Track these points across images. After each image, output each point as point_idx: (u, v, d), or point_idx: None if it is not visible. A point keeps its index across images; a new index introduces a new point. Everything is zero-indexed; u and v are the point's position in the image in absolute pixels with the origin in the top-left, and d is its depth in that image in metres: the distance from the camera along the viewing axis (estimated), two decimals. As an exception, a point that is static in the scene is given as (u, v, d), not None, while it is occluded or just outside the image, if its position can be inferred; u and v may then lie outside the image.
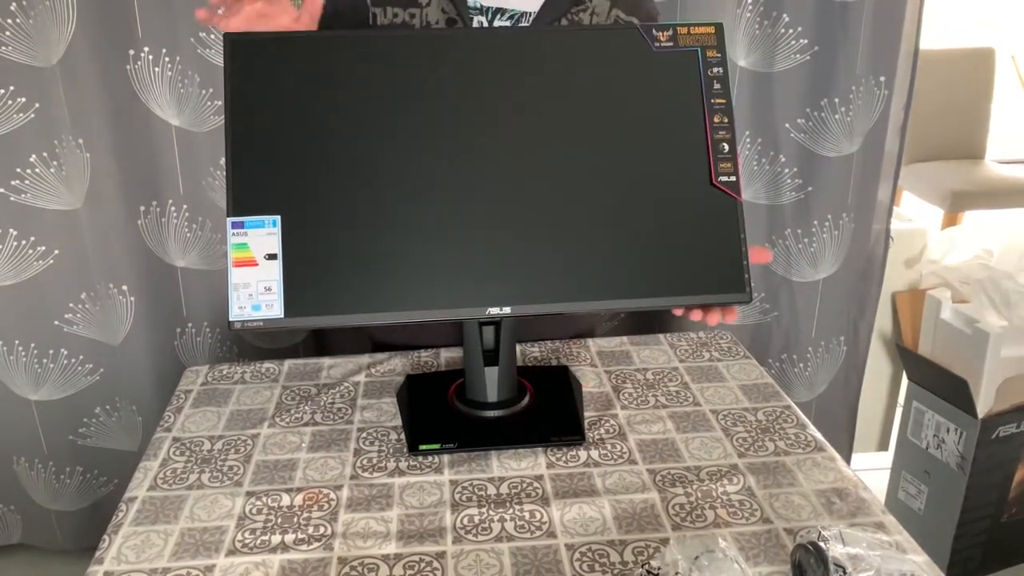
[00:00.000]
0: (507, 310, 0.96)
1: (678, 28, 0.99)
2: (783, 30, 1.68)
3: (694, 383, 1.22)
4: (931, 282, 1.96)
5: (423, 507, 0.96)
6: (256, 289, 0.92)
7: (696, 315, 1.01)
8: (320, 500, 0.98)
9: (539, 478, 1.01)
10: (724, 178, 0.97)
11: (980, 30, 4.53)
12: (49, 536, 1.90)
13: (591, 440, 1.08)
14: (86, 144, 1.59)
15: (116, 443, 1.84)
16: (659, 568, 0.80)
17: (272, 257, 0.92)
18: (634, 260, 0.97)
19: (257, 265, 0.92)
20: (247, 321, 0.92)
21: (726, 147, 0.97)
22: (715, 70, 0.98)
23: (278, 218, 0.93)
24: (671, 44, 0.98)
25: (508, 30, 1.11)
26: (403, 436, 1.09)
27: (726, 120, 0.98)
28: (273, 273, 0.92)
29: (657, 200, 0.98)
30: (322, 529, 0.93)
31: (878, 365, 2.07)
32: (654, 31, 0.99)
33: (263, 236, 0.92)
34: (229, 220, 0.93)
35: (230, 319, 0.92)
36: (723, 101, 0.98)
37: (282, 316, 0.92)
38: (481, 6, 1.16)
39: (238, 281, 0.92)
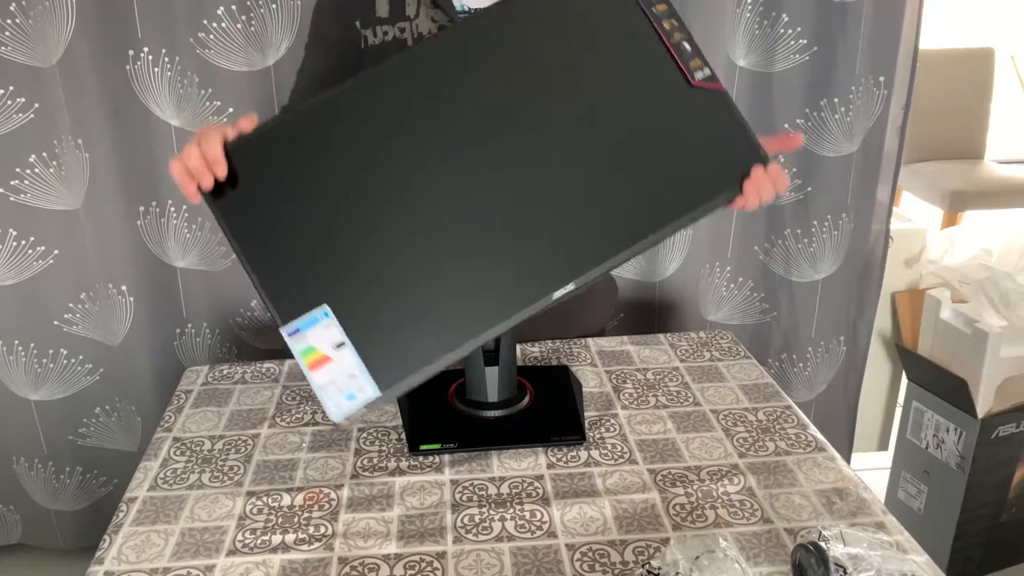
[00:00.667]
0: (569, 287, 0.92)
1: None
2: (782, 30, 1.68)
3: (694, 383, 1.22)
4: (931, 282, 1.96)
5: (423, 507, 0.96)
6: (342, 382, 0.89)
7: (738, 203, 0.98)
8: (320, 500, 0.98)
9: (539, 478, 1.01)
10: (699, 74, 0.95)
11: (980, 30, 4.53)
12: (49, 536, 1.90)
13: (591, 440, 1.08)
14: (86, 144, 1.59)
15: (116, 443, 1.84)
16: (659, 568, 0.80)
17: (341, 345, 0.89)
18: (649, 192, 0.95)
19: (331, 360, 0.89)
20: (350, 415, 0.89)
21: (687, 46, 0.95)
22: None
23: (326, 307, 0.91)
24: None
25: (454, 30, 1.06)
26: (403, 436, 1.09)
27: (675, 22, 0.95)
28: (349, 359, 0.89)
29: (649, 130, 0.95)
30: (323, 529, 0.93)
31: (878, 365, 2.07)
32: None
33: (322, 330, 0.90)
34: (284, 332, 0.91)
35: (335, 419, 0.90)
36: (664, 7, 0.95)
37: (378, 393, 0.89)
38: (468, 9, 1.16)
39: (323, 382, 0.88)
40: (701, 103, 0.96)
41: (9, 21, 1.47)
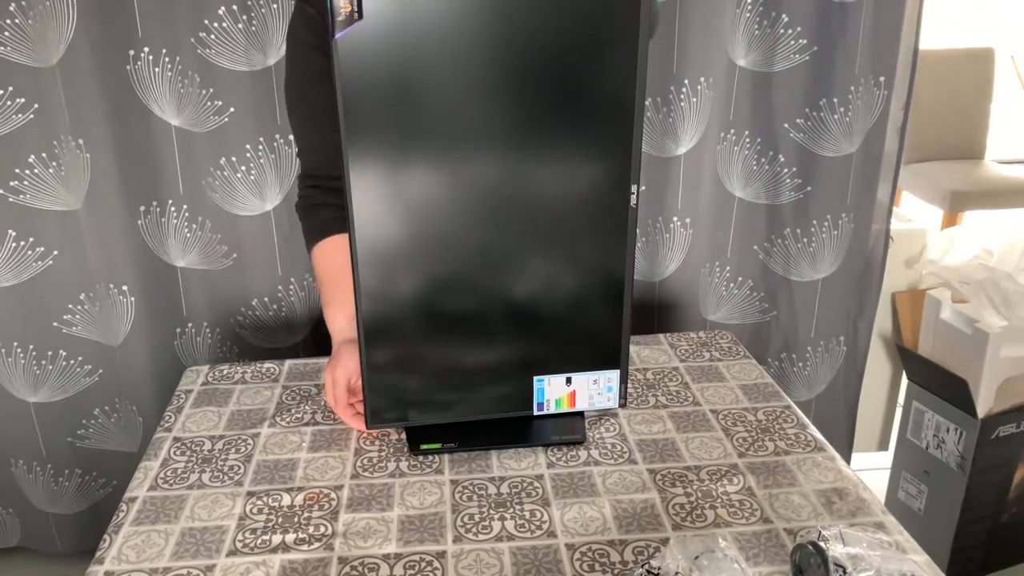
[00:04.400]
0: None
1: None
2: (782, 30, 1.68)
3: (694, 383, 1.22)
4: (931, 282, 1.96)
5: (423, 507, 0.96)
6: None
7: None
8: (320, 500, 0.98)
9: (539, 478, 1.01)
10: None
11: (980, 30, 4.54)
12: (48, 539, 1.90)
13: (591, 440, 1.08)
14: (86, 144, 1.59)
15: (115, 444, 1.83)
16: (659, 568, 0.80)
17: None
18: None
19: None
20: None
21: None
22: None
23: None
24: None
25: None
26: (404, 436, 1.09)
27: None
28: None
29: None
30: (323, 529, 0.93)
31: (878, 365, 2.07)
32: None
33: None
34: None
35: None
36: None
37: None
38: None
39: None
40: None
41: (9, 21, 1.47)
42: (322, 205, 1.18)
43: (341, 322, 1.13)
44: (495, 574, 0.86)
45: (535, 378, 1.03)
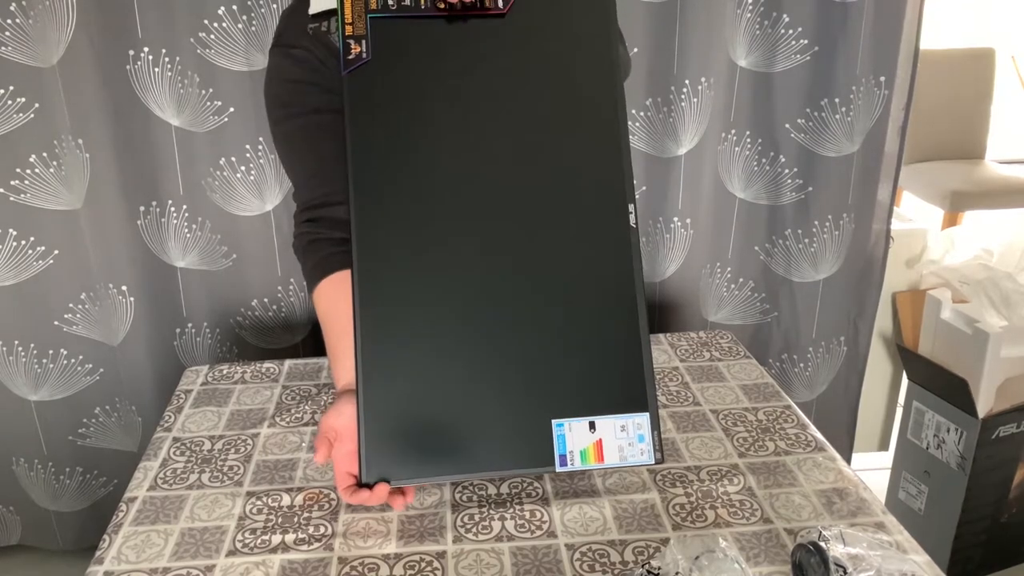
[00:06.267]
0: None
1: None
2: (783, 30, 1.68)
3: (694, 383, 1.22)
4: (931, 282, 1.96)
5: (423, 507, 0.96)
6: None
7: None
8: (320, 500, 0.98)
9: (539, 478, 1.01)
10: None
11: (980, 30, 4.54)
12: (49, 537, 1.90)
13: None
14: (86, 144, 1.59)
15: (116, 443, 1.84)
16: (659, 568, 0.80)
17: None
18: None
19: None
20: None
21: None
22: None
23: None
24: None
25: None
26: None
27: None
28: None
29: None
30: (322, 529, 0.93)
31: (878, 365, 2.07)
32: None
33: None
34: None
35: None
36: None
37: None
38: None
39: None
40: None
41: (9, 21, 1.47)
42: (322, 240, 1.09)
43: (349, 373, 1.00)
44: (495, 574, 0.86)
45: (554, 422, 0.92)
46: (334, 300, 1.04)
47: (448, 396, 0.91)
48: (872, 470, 2.07)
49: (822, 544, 0.80)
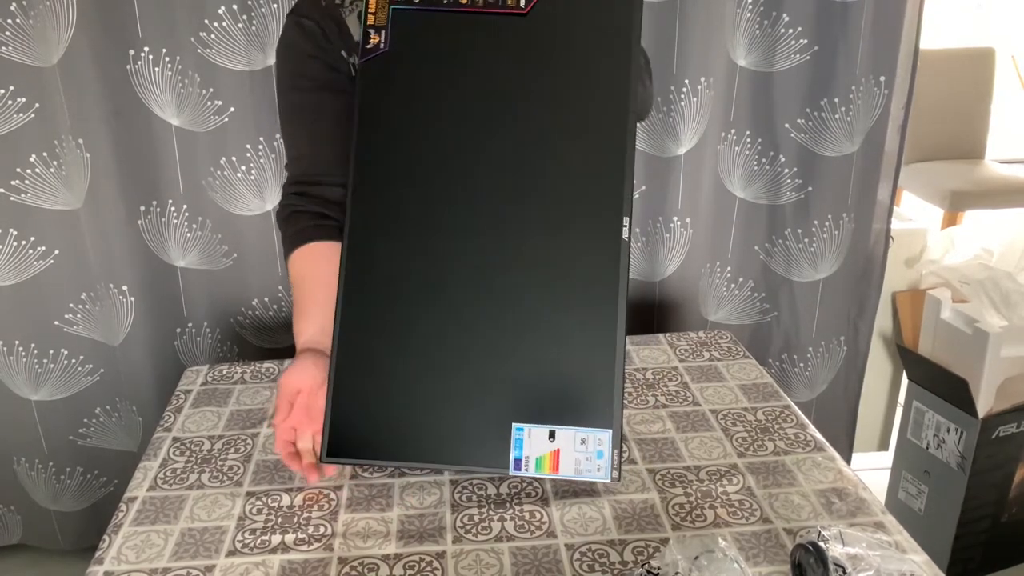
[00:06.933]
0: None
1: None
2: (783, 30, 1.68)
3: (694, 383, 1.22)
4: (931, 282, 1.96)
5: (423, 507, 0.96)
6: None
7: None
8: (320, 500, 0.98)
9: (539, 478, 1.01)
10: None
11: (980, 30, 4.54)
12: (49, 536, 1.90)
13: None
14: (86, 144, 1.59)
15: (116, 443, 1.84)
16: (659, 568, 0.80)
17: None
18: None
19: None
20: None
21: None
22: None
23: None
24: None
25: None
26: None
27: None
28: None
29: None
30: (322, 529, 0.93)
31: (878, 365, 2.07)
32: None
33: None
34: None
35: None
36: None
37: None
38: None
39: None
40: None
41: (9, 21, 1.47)
42: (302, 212, 1.13)
43: (311, 332, 1.06)
44: (495, 574, 0.86)
45: (514, 425, 0.93)
46: (309, 265, 1.11)
47: (416, 387, 0.94)
48: (872, 470, 2.07)
49: (821, 544, 0.80)
